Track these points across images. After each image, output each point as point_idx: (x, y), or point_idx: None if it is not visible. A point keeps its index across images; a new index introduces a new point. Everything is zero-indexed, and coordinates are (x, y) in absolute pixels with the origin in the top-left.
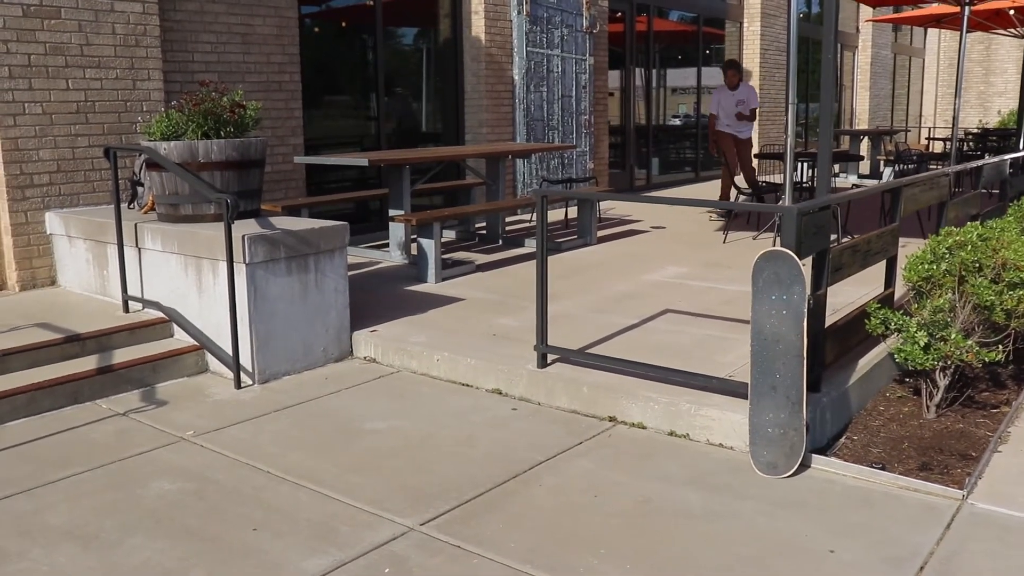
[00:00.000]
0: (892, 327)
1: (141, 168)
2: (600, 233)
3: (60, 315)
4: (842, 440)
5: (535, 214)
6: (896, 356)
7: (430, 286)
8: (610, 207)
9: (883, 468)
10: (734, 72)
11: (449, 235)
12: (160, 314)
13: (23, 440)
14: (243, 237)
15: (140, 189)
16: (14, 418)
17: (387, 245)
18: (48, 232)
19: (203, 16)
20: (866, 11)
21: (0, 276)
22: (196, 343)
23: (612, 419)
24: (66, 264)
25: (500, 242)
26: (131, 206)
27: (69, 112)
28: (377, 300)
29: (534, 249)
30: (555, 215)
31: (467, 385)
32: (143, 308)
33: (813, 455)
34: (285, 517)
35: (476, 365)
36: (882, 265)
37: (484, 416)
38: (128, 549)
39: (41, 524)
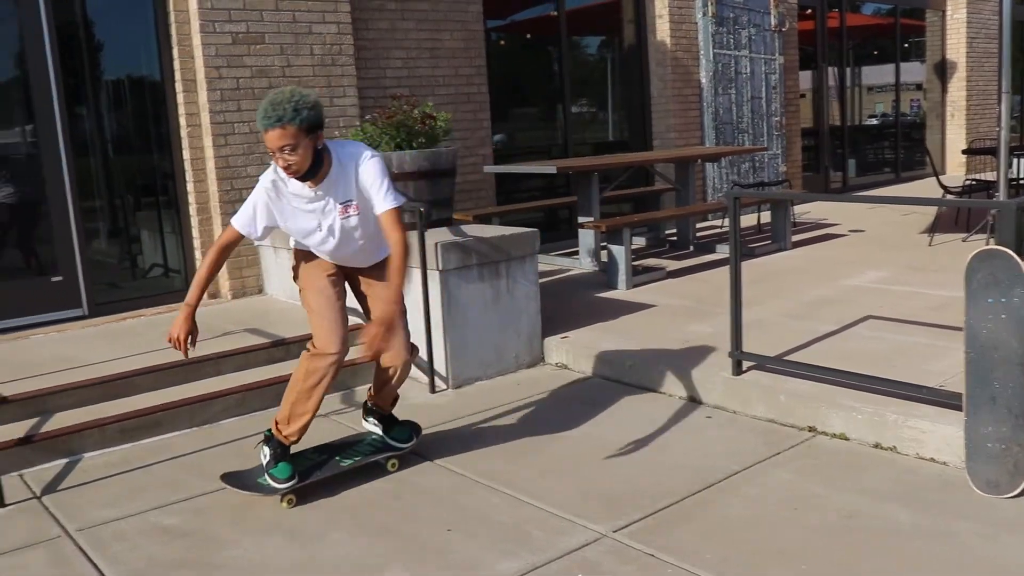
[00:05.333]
0: None
1: None
2: (794, 238)
3: (266, 321)
4: None
5: (726, 219)
6: None
7: (620, 293)
8: (804, 211)
9: None
10: None
11: (639, 242)
12: (359, 320)
13: (235, 437)
14: (436, 244)
15: None
16: (226, 417)
17: (576, 252)
18: (256, 244)
19: (394, 33)
20: None
21: (214, 285)
22: None
23: (811, 429)
24: (271, 273)
25: (691, 248)
26: None
27: None
28: (567, 307)
29: (726, 255)
30: (747, 220)
31: (660, 392)
32: None
33: None
34: (479, 519)
35: (669, 372)
36: None
37: (677, 423)
38: (329, 543)
39: (253, 516)
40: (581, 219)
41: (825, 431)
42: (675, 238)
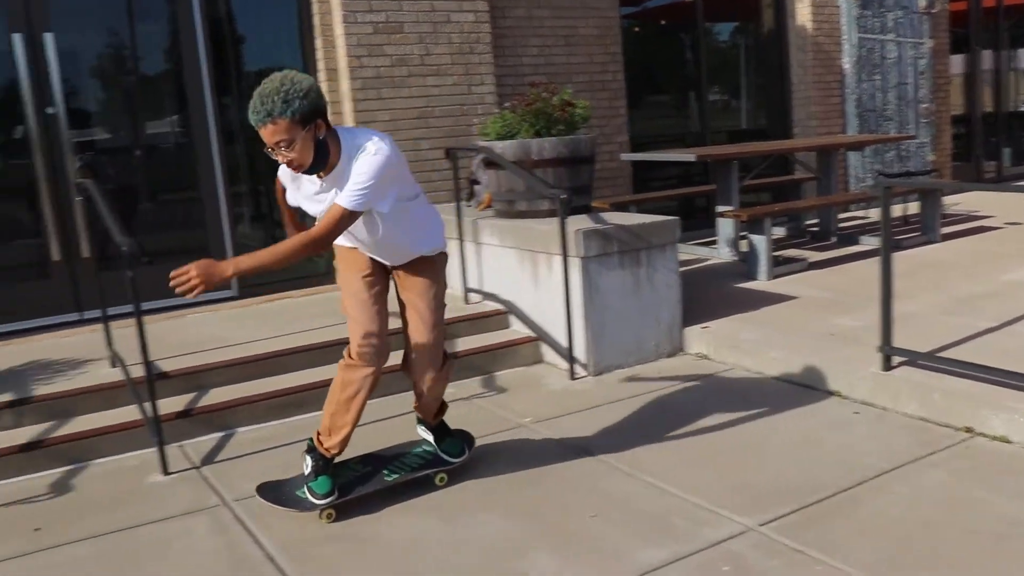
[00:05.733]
0: None
1: (478, 167)
2: (944, 230)
3: None
4: None
5: (870, 209)
6: None
7: (761, 283)
8: (954, 202)
9: None
10: None
11: (778, 232)
12: (497, 306)
13: (378, 418)
14: (577, 231)
15: (477, 187)
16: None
17: (714, 242)
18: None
19: (530, 21)
20: None
21: None
22: (531, 334)
23: (969, 430)
24: None
25: (833, 239)
26: (468, 204)
27: (412, 118)
28: (706, 297)
29: (870, 246)
30: (892, 211)
31: (804, 386)
32: (481, 300)
33: None
34: (621, 506)
35: (813, 365)
36: None
37: (822, 418)
38: (476, 523)
39: (397, 493)
40: (720, 208)
41: (984, 432)
42: (816, 228)
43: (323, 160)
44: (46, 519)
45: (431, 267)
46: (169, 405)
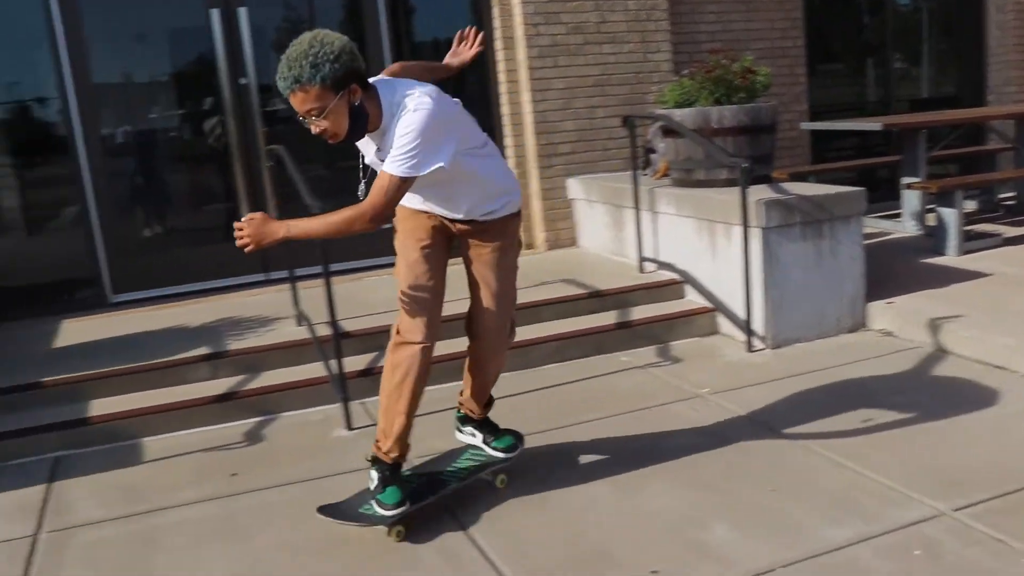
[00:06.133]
0: None
1: (655, 136)
2: None
3: (581, 272)
4: None
5: None
6: None
7: (950, 259)
8: None
9: None
10: None
11: (969, 205)
12: (673, 275)
13: (553, 383)
14: (758, 201)
15: (653, 156)
16: (544, 363)
17: (898, 215)
18: (569, 197)
19: None
20: None
21: (529, 237)
22: (708, 305)
23: None
24: (584, 226)
25: None
26: (644, 172)
27: (588, 85)
28: (890, 271)
29: None
30: None
31: (1000, 367)
32: (656, 269)
33: None
34: (802, 481)
35: (1013, 345)
36: None
37: (1019, 403)
38: (649, 494)
39: (576, 463)
40: (906, 179)
41: None
42: (1012, 202)
43: (360, 128)
44: (241, 465)
45: (501, 231)
46: (352, 364)
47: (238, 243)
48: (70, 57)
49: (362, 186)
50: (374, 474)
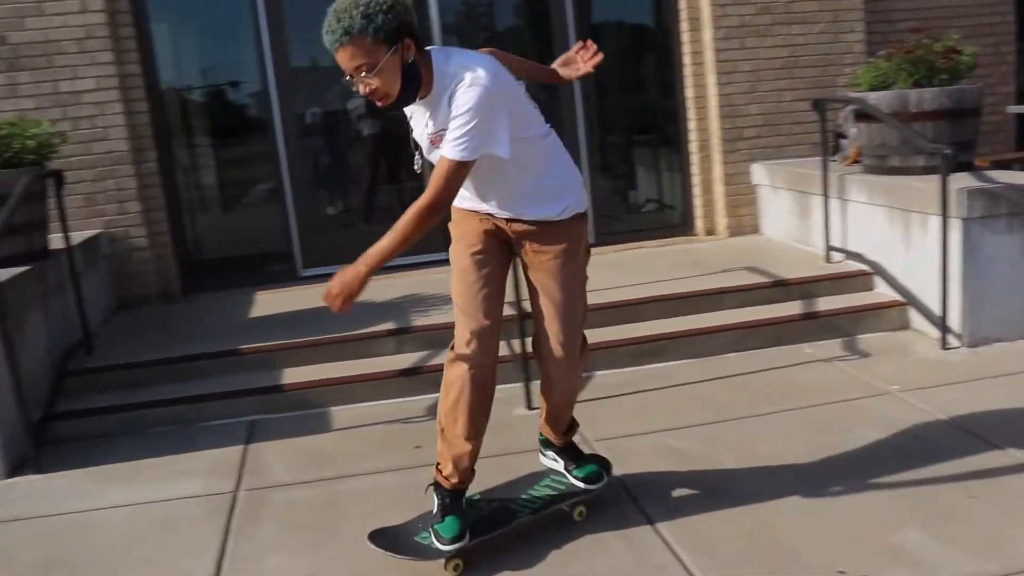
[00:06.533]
0: None
1: (845, 120)
2: None
3: (764, 260)
4: None
5: None
6: None
7: None
8: None
9: None
10: None
11: None
12: (862, 266)
13: (734, 373)
14: (959, 190)
15: (843, 141)
16: (726, 351)
17: None
18: (753, 183)
19: None
20: None
21: (711, 222)
22: (899, 298)
23: None
24: (768, 213)
25: None
26: (833, 158)
27: (775, 68)
28: None
29: None
30: None
31: None
32: (844, 259)
33: None
34: (1004, 491)
35: None
36: None
37: None
38: (837, 491)
39: (753, 450)
40: None
41: None
42: None
43: (414, 90)
44: (423, 438)
45: (565, 234)
46: (530, 344)
47: (334, 309)
48: (271, 41)
49: (417, 158)
50: (435, 499)
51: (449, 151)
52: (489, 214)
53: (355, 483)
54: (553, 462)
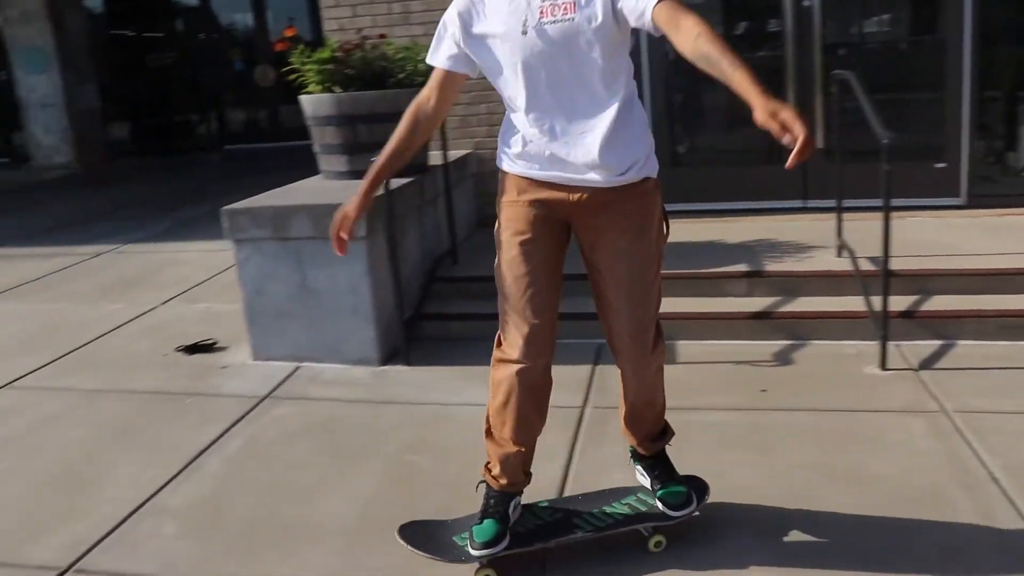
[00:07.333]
0: None
1: None
2: None
3: None
4: None
5: None
6: None
7: None
8: None
9: None
10: None
11: None
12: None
13: None
14: None
15: None
16: None
17: None
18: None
19: None
20: None
21: None
22: None
23: None
24: None
25: None
26: None
27: None
28: None
29: None
30: None
31: None
32: None
33: None
34: None
35: None
36: None
37: None
38: None
39: None
40: None
41: None
42: None
43: None
44: (769, 383)
45: (637, 202)
46: (892, 303)
47: (809, 151)
48: None
49: None
50: (481, 499)
51: None
52: (547, 183)
53: (700, 416)
54: (641, 476)
